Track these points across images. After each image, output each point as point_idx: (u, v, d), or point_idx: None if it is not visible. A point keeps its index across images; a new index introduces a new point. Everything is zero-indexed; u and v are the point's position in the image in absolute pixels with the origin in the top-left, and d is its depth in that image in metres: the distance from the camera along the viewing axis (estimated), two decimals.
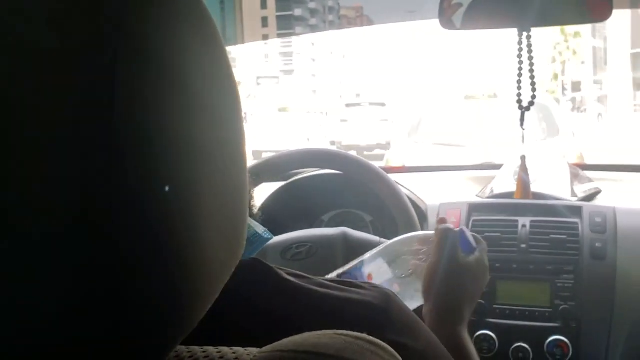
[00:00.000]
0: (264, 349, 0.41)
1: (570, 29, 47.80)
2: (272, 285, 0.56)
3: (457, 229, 0.88)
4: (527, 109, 1.20)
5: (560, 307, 1.32)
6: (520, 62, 1.23)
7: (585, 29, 47.11)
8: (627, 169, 1.85)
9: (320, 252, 1.24)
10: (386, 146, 11.98)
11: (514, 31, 1.20)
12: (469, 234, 0.89)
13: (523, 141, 1.22)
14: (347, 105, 19.62)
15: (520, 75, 1.23)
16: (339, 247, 1.23)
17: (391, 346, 0.44)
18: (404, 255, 0.90)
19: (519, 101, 1.21)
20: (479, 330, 1.36)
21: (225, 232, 0.39)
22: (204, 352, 0.41)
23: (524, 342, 1.33)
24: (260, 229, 0.64)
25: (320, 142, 18.87)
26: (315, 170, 1.53)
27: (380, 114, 17.00)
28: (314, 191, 1.54)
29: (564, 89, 23.64)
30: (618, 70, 42.52)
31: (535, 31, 1.21)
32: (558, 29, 47.87)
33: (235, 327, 0.50)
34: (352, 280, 0.61)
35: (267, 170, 1.31)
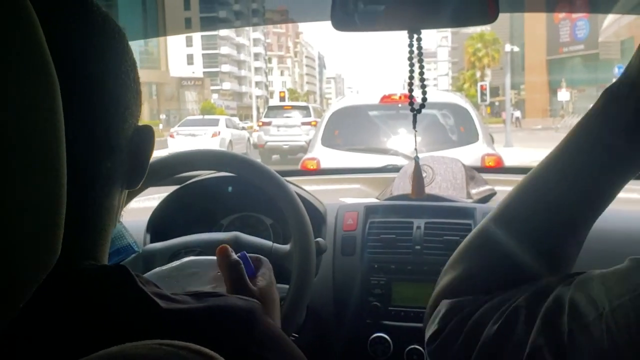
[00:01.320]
0: None
1: (490, 37, 49.57)
2: (126, 294, 0.52)
3: (238, 256, 0.85)
4: (419, 111, 1.20)
5: None
6: (412, 65, 1.22)
7: (504, 36, 48.95)
8: (523, 171, 1.90)
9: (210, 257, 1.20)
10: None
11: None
12: (248, 257, 0.87)
13: (416, 143, 1.22)
14: (270, 108, 19.52)
15: (411, 77, 1.23)
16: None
17: None
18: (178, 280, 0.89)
19: (411, 103, 1.20)
20: (373, 333, 1.36)
21: (25, 240, 0.36)
22: None
23: (418, 344, 1.34)
24: (131, 240, 0.63)
25: (244, 144, 18.75)
26: (211, 173, 1.48)
27: (304, 117, 17.00)
28: (211, 194, 1.49)
29: (482, 94, 24.42)
30: (534, 76, 44.42)
31: (456, 38, 1.21)
32: (478, 37, 49.54)
33: (82, 331, 0.47)
34: (218, 292, 0.58)
35: (154, 173, 1.25)
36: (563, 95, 35.26)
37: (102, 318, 0.48)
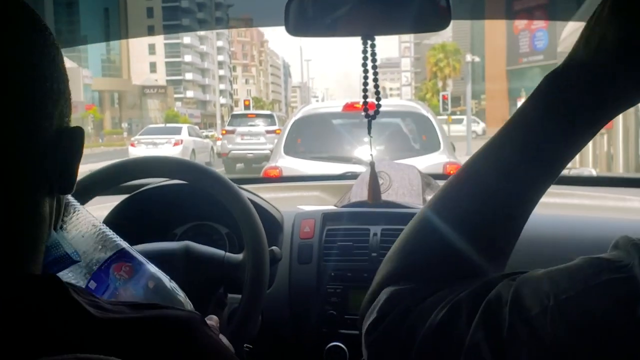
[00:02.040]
0: None
1: (451, 47, 50.31)
2: (57, 304, 0.50)
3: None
4: (373, 117, 1.20)
5: None
6: (366, 71, 1.22)
7: (465, 47, 49.75)
8: None
9: (160, 266, 1.17)
10: None
11: None
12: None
13: (371, 148, 1.21)
14: (234, 116, 19.40)
15: (365, 83, 1.22)
16: (181, 262, 1.17)
17: None
18: None
19: (365, 109, 1.20)
20: (330, 342, 1.34)
21: None
22: None
23: None
24: (70, 249, 0.60)
25: (207, 153, 18.60)
26: (164, 181, 1.45)
27: (268, 126, 16.94)
28: (164, 203, 1.46)
29: (444, 103, 24.75)
30: (495, 85, 45.24)
31: (419, 49, 1.21)
32: (440, 47, 50.26)
33: (10, 344, 0.45)
34: (156, 303, 0.56)
35: (98, 182, 1.21)
36: None
37: (32, 329, 0.46)
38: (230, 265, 1.18)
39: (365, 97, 1.25)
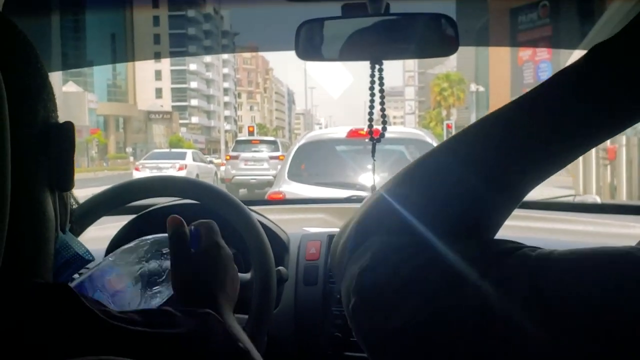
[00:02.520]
0: None
1: (455, 77, 50.63)
2: (72, 314, 0.50)
3: (192, 228, 0.88)
4: (378, 140, 1.21)
5: None
6: (372, 95, 1.24)
7: (469, 76, 50.02)
8: None
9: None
10: None
11: None
12: (198, 232, 0.89)
13: (374, 172, 1.22)
14: (238, 142, 19.48)
15: (371, 107, 1.24)
16: None
17: None
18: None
19: (370, 132, 1.21)
20: None
21: None
22: None
23: None
24: (81, 249, 0.59)
25: (211, 178, 18.63)
26: (171, 201, 1.46)
27: (272, 152, 17.00)
28: None
29: (448, 132, 24.83)
30: None
31: (423, 78, 1.23)
32: (444, 77, 50.56)
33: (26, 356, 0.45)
34: (166, 309, 0.55)
35: (107, 201, 1.23)
36: None
37: (47, 340, 0.46)
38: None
39: (370, 119, 1.27)
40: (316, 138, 6.00)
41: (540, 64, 41.06)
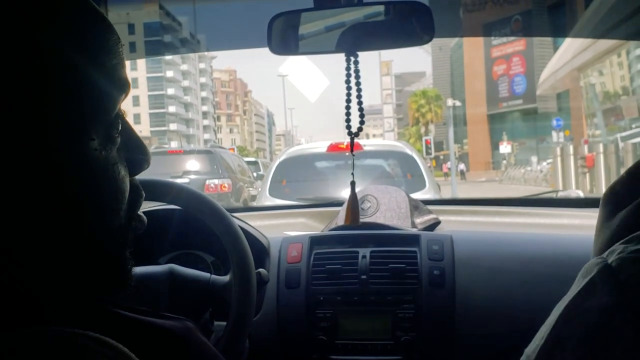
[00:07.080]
0: None
1: (432, 93, 51.17)
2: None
3: None
4: (356, 134, 1.18)
5: (402, 339, 1.29)
6: (349, 88, 1.21)
7: (445, 93, 50.57)
8: (465, 202, 1.91)
9: (145, 290, 1.13)
10: None
11: None
12: None
13: (353, 167, 1.19)
14: None
15: (348, 101, 1.22)
16: (165, 286, 1.13)
17: None
18: None
19: (348, 127, 1.19)
20: None
21: None
22: None
23: None
24: None
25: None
26: (156, 205, 1.41)
27: (254, 166, 16.95)
28: (147, 231, 1.42)
29: (427, 148, 24.98)
30: (476, 130, 45.86)
31: (400, 95, 1.21)
32: (421, 93, 51.06)
33: None
34: (153, 311, 0.60)
35: None
36: (504, 148, 36.47)
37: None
38: (216, 287, 1.15)
39: (348, 113, 1.24)
40: (297, 153, 5.97)
41: (515, 77, 41.68)
